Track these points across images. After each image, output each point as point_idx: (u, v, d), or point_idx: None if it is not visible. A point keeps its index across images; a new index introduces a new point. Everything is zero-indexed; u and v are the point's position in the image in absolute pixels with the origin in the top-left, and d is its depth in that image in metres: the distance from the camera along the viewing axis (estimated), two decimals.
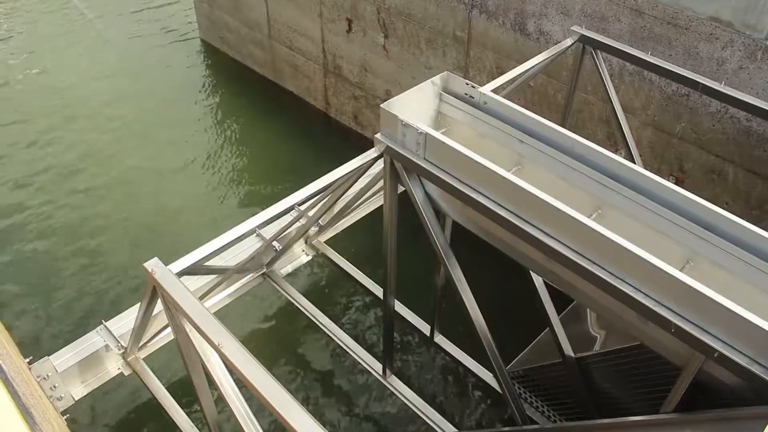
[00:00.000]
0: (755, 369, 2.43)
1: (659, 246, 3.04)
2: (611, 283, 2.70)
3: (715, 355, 2.51)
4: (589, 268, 2.75)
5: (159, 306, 3.20)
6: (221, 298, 4.93)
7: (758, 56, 4.58)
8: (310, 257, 5.48)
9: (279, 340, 6.19)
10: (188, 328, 2.95)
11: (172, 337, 3.28)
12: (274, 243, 4.88)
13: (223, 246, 3.16)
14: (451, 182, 3.16)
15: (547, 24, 5.68)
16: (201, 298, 4.38)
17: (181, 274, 3.03)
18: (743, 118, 4.86)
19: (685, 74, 4.41)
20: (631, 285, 2.69)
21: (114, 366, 4.34)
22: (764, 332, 2.38)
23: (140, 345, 4.31)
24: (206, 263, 4.41)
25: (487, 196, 3.08)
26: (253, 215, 3.29)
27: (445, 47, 6.66)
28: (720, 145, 5.07)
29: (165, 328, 4.09)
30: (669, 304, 2.62)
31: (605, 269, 2.74)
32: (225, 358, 2.59)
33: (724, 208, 2.91)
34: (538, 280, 3.68)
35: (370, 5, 7.18)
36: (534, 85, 6.00)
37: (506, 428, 4.01)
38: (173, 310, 2.97)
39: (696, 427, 2.66)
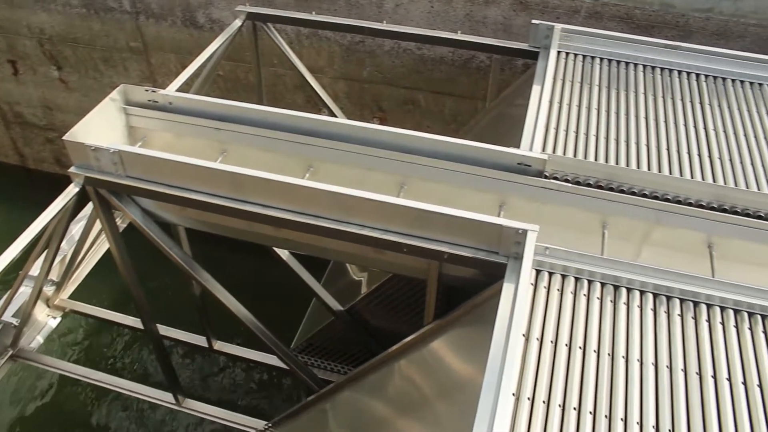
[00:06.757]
0: (480, 255, 2.73)
1: (376, 182, 3.27)
2: (338, 229, 2.83)
3: (446, 257, 2.77)
4: (314, 222, 2.86)
5: None
6: None
7: None
8: (58, 319, 5.03)
9: (58, 417, 5.67)
10: None
11: None
12: (9, 320, 4.42)
13: None
14: (161, 190, 3.07)
15: (215, 12, 5.69)
16: None
17: None
18: (414, 48, 5.31)
19: (350, 23, 4.71)
20: (356, 224, 2.84)
21: None
22: (477, 223, 2.67)
23: None
24: None
25: (201, 192, 3.04)
26: None
27: (125, 62, 6.40)
28: (404, 77, 5.51)
29: None
30: (393, 228, 2.82)
31: (329, 218, 2.87)
32: None
33: (426, 131, 3.21)
34: (284, 254, 3.75)
35: (29, 40, 6.63)
36: (224, 73, 6.01)
37: (308, 398, 4.09)
38: None
39: (452, 325, 2.92)
